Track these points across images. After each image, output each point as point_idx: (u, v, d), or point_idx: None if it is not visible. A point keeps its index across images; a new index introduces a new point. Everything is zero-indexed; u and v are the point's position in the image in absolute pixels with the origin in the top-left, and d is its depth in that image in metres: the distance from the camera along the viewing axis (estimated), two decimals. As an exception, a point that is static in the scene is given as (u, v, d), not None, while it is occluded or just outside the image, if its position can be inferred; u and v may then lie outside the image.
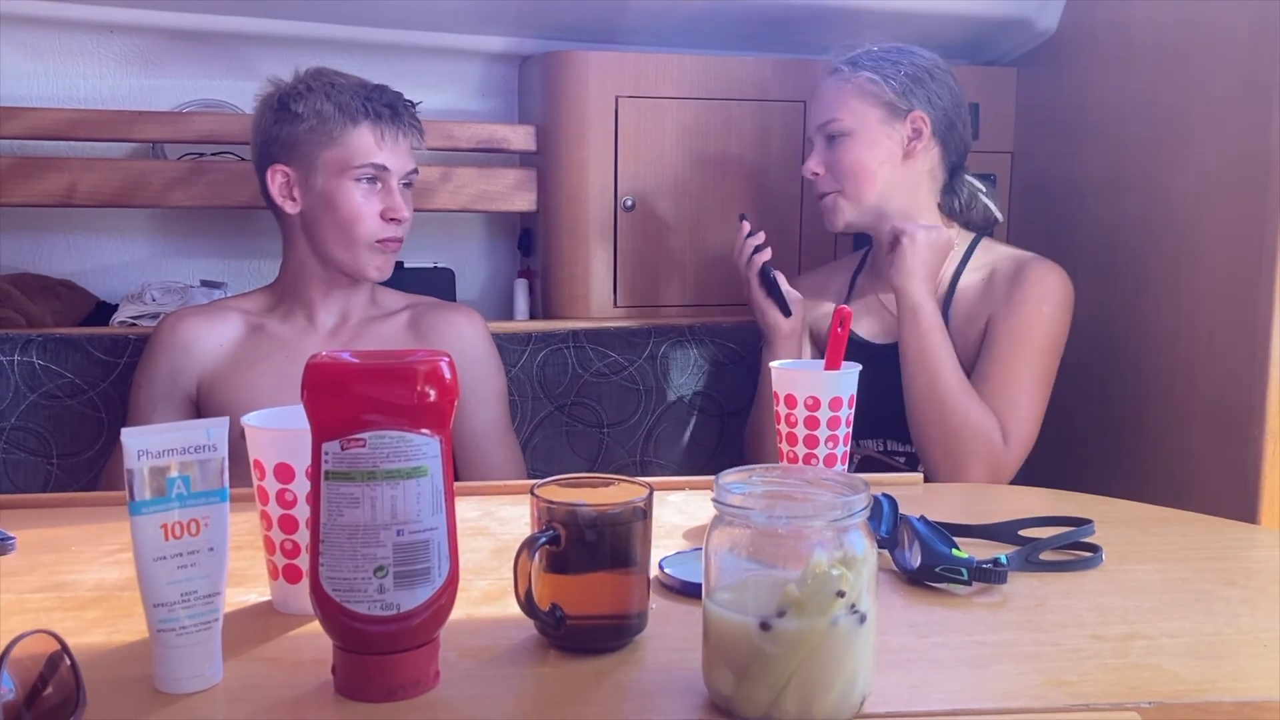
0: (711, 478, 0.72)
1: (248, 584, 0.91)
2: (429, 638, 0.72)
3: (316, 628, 0.72)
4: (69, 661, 0.66)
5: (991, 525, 1.05)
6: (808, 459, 1.17)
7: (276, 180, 1.50)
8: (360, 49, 1.93)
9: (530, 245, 2.05)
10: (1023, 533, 1.03)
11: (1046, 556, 0.97)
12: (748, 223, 1.62)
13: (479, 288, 2.15)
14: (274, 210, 1.53)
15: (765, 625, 0.66)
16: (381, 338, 1.56)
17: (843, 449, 1.19)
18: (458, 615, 0.74)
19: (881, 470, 1.56)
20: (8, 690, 0.62)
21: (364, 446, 0.68)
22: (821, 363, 1.21)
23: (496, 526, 1.09)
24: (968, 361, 1.52)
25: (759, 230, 1.62)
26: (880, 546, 0.95)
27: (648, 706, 0.71)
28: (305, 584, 0.73)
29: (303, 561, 0.83)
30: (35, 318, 1.77)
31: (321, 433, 0.69)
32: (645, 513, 0.78)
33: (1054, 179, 1.92)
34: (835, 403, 1.15)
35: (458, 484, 0.88)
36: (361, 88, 1.50)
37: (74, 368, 1.64)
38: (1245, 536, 1.15)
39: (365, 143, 1.48)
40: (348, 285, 1.55)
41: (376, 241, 1.50)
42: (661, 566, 0.92)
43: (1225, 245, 1.51)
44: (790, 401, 1.17)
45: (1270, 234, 1.42)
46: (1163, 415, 1.64)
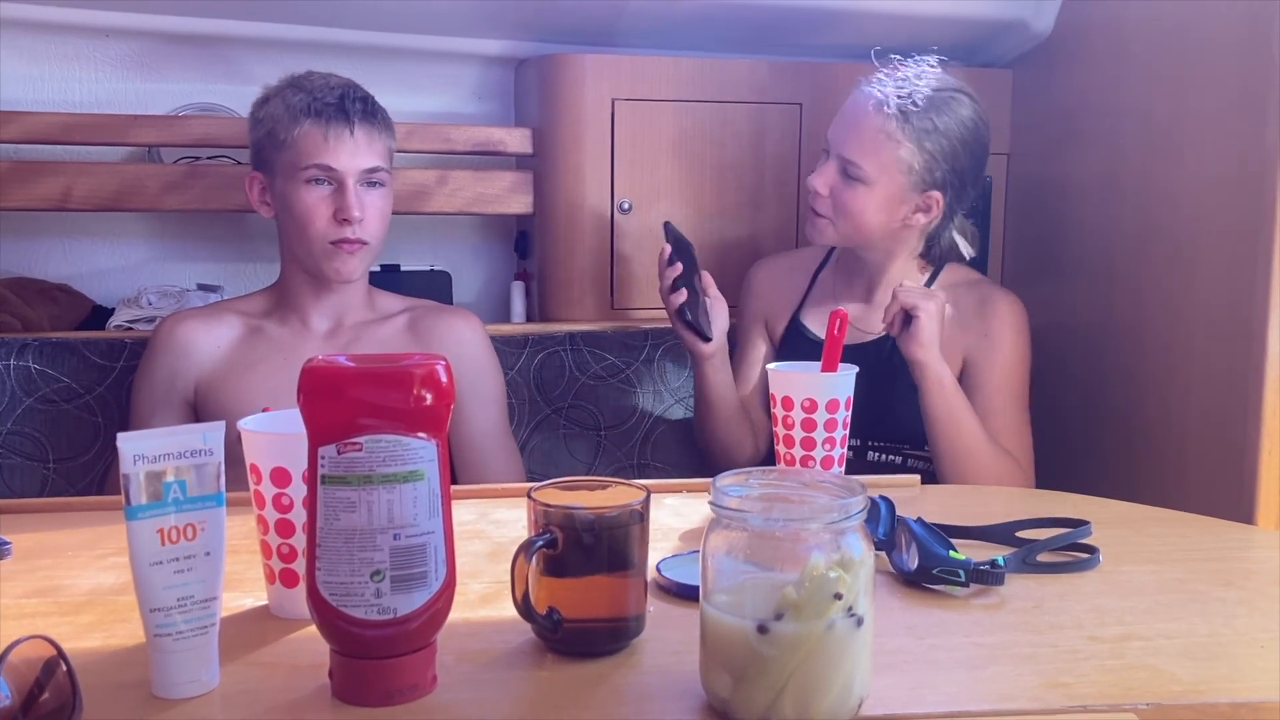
0: (708, 480, 0.72)
1: (244, 588, 0.91)
2: (426, 642, 0.72)
3: (313, 632, 0.72)
4: (65, 667, 0.66)
5: (988, 527, 1.05)
6: (805, 460, 1.17)
7: (254, 188, 1.52)
8: (356, 53, 1.93)
9: (527, 248, 2.05)
10: (1020, 534, 1.03)
11: (1044, 558, 0.97)
12: (667, 245, 1.55)
13: (476, 290, 2.14)
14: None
15: (763, 628, 0.66)
16: (379, 341, 1.55)
17: (839, 451, 1.19)
18: (455, 619, 0.74)
19: (869, 472, 1.56)
20: (4, 696, 0.62)
21: (360, 450, 0.68)
22: (816, 364, 1.21)
23: (493, 530, 1.09)
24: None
25: (682, 242, 1.57)
26: (878, 549, 0.95)
27: (645, 710, 0.71)
28: (302, 588, 0.73)
29: (299, 566, 0.83)
30: (32, 322, 1.77)
31: (318, 437, 0.69)
32: (642, 515, 0.78)
33: (1049, 181, 1.92)
34: (832, 405, 1.15)
35: (454, 487, 0.88)
36: (324, 89, 1.47)
37: (70, 372, 1.64)
38: (1242, 537, 1.15)
39: (311, 142, 1.44)
40: (337, 288, 1.53)
41: (330, 243, 1.47)
42: (659, 569, 0.92)
43: (1220, 247, 1.52)
44: (787, 404, 1.17)
45: (1265, 235, 1.43)
46: (1159, 417, 1.64)
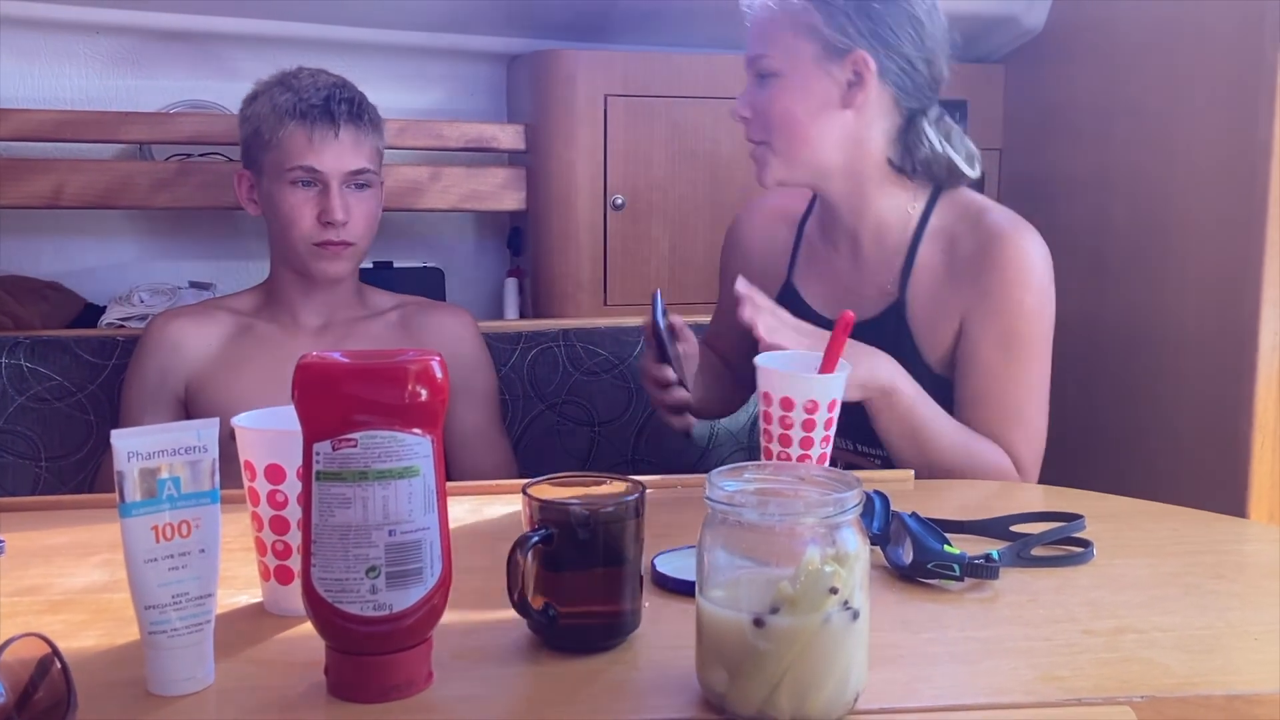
0: (703, 475, 0.72)
1: (239, 585, 0.90)
2: (422, 638, 0.72)
3: (309, 629, 0.72)
4: (60, 665, 0.66)
5: (983, 521, 1.05)
6: (801, 459, 1.16)
7: (243, 185, 1.52)
8: (349, 49, 1.92)
9: (520, 244, 2.05)
10: (1014, 528, 1.04)
11: (1038, 552, 0.97)
12: (646, 324, 1.32)
13: (469, 287, 2.14)
14: None
15: (759, 622, 0.66)
16: (371, 337, 1.55)
17: (829, 449, 1.18)
18: (450, 615, 0.74)
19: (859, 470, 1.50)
20: (-2, 694, 0.62)
21: (355, 447, 0.68)
22: (809, 357, 1.19)
23: (489, 526, 1.09)
24: (944, 363, 1.34)
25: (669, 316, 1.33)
26: (873, 543, 0.95)
27: (641, 705, 0.71)
28: (297, 585, 0.72)
29: (294, 562, 0.83)
30: (23, 320, 1.76)
31: (313, 433, 0.69)
32: (638, 511, 0.78)
33: (1041, 176, 1.92)
34: (831, 405, 1.14)
35: (449, 483, 0.88)
36: (311, 88, 1.45)
37: (62, 370, 1.63)
38: (1235, 531, 1.15)
39: (296, 144, 1.43)
40: (326, 286, 1.52)
41: (314, 245, 1.46)
42: (654, 565, 0.92)
43: (1212, 241, 1.52)
44: (787, 404, 1.14)
45: (1257, 230, 1.43)
46: (1152, 411, 1.64)
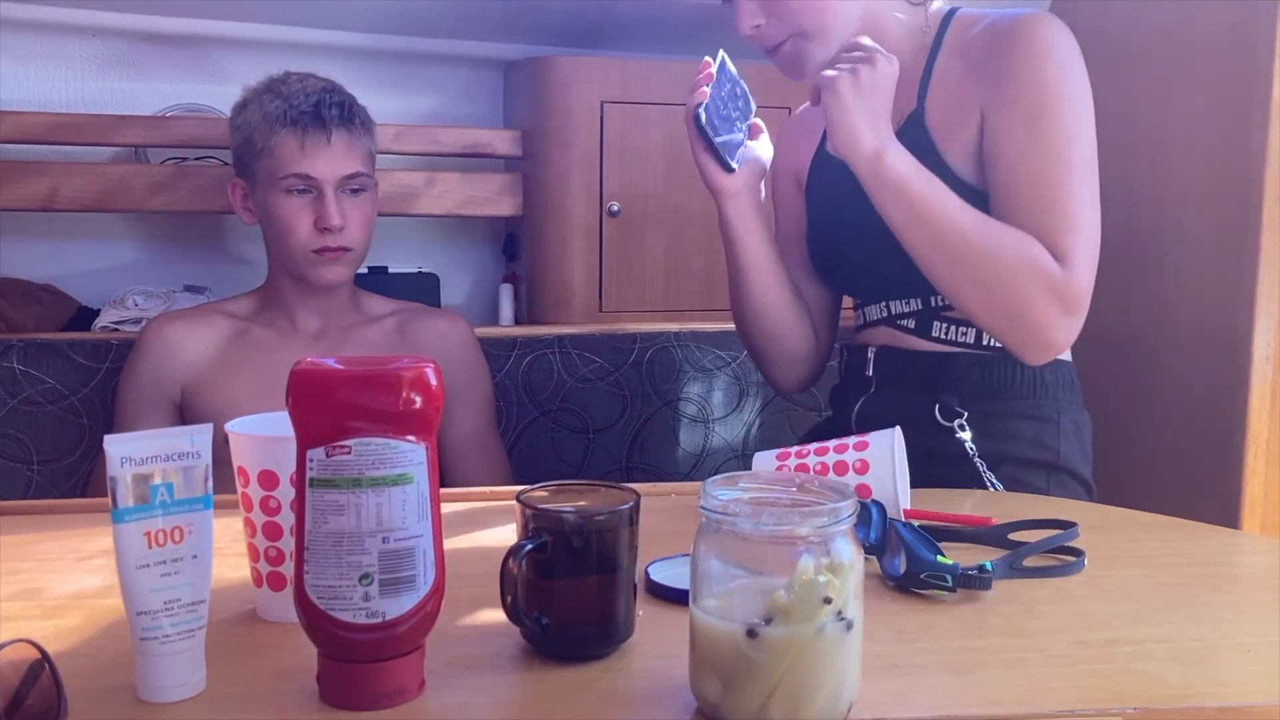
0: (698, 484, 0.72)
1: (232, 592, 0.90)
2: (415, 645, 0.71)
3: (301, 636, 0.72)
4: (50, 671, 0.65)
5: (979, 530, 1.05)
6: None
7: (236, 194, 1.53)
8: (344, 54, 1.92)
9: (515, 250, 2.05)
10: (1012, 536, 1.04)
11: (1031, 562, 0.97)
12: (709, 59, 1.27)
13: (464, 293, 2.14)
14: None
15: (752, 632, 0.65)
16: (367, 343, 1.55)
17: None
18: (443, 623, 0.74)
19: (896, 358, 1.32)
20: (-12, 700, 0.62)
21: (349, 453, 0.68)
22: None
23: (482, 533, 1.09)
24: (969, 175, 1.24)
25: (733, 78, 1.30)
26: (869, 553, 0.95)
27: (634, 714, 0.71)
28: (290, 592, 0.72)
29: (287, 569, 0.83)
30: (16, 323, 1.76)
31: (306, 439, 0.69)
32: (632, 519, 0.78)
33: (1037, 185, 1.93)
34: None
35: (443, 490, 0.88)
36: (300, 94, 1.44)
37: (55, 373, 1.63)
38: (1228, 541, 1.16)
39: (288, 151, 1.43)
40: (323, 291, 1.53)
41: (313, 252, 1.46)
42: (648, 573, 0.92)
43: (1207, 250, 1.52)
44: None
45: (1252, 239, 1.44)
46: (1145, 421, 1.65)
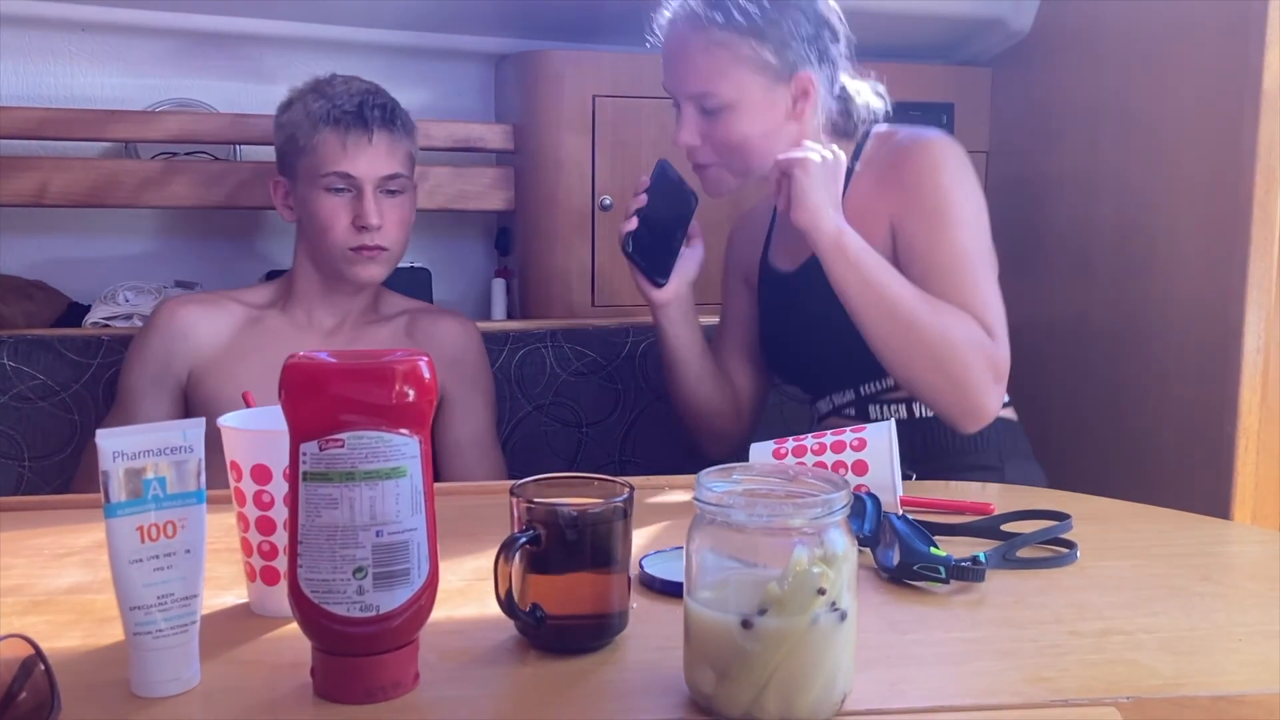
0: (691, 476, 0.72)
1: (225, 586, 0.90)
2: (409, 639, 0.71)
3: (295, 630, 0.72)
4: (43, 666, 0.65)
5: (974, 522, 1.06)
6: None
7: (278, 192, 1.54)
8: (336, 48, 1.92)
9: (508, 244, 2.05)
10: (1005, 527, 1.04)
11: (1024, 554, 0.97)
12: (645, 179, 1.43)
13: (456, 287, 2.14)
14: None
15: (746, 623, 0.66)
16: (377, 341, 1.56)
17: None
18: (437, 616, 0.74)
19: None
20: (-19, 695, 0.62)
21: (342, 447, 0.68)
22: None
23: (476, 527, 1.08)
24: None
25: (673, 185, 1.44)
26: (863, 545, 0.95)
27: (629, 706, 0.71)
28: (283, 586, 0.72)
29: (281, 563, 0.83)
30: (6, 319, 1.75)
31: (299, 433, 0.69)
32: (625, 512, 0.78)
33: (1029, 178, 1.93)
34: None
35: (437, 485, 0.88)
36: (344, 95, 1.46)
37: (45, 369, 1.62)
38: (1219, 532, 1.16)
39: (330, 150, 1.44)
40: (349, 290, 1.54)
41: (350, 250, 1.47)
42: (642, 566, 0.92)
43: (1198, 244, 1.53)
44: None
45: (1242, 232, 1.44)
46: (1137, 413, 1.65)
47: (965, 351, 1.26)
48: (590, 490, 0.81)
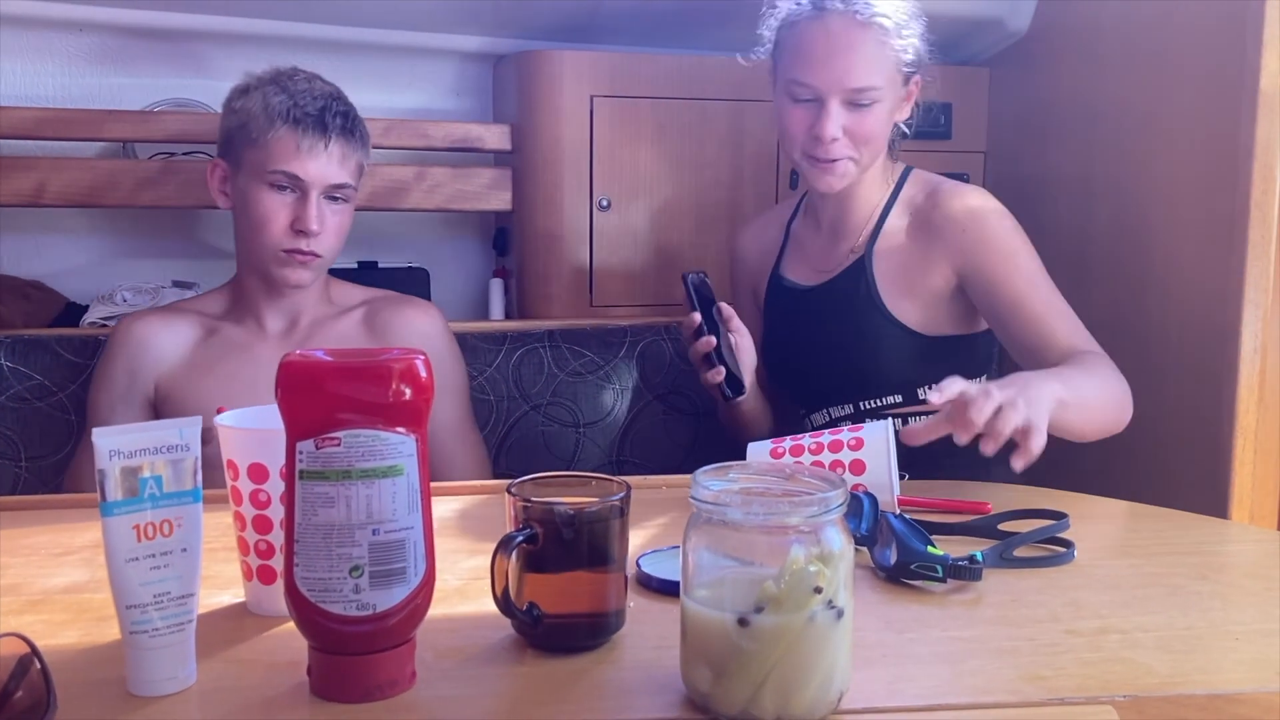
0: (688, 476, 0.72)
1: (222, 585, 0.90)
2: (405, 638, 0.71)
3: (291, 629, 0.72)
4: (39, 665, 0.65)
5: (971, 521, 1.06)
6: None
7: (216, 174, 1.51)
8: (334, 48, 1.92)
9: (505, 245, 2.05)
10: (1002, 527, 1.04)
11: (1021, 553, 0.97)
12: (696, 314, 1.41)
13: (454, 288, 2.14)
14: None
15: (743, 621, 0.66)
16: (336, 336, 1.52)
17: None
18: (434, 615, 0.74)
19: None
20: (-23, 694, 0.61)
21: (339, 445, 0.68)
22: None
23: (473, 525, 1.09)
24: (908, 318, 1.46)
25: (701, 290, 1.45)
26: (860, 544, 0.96)
27: (626, 704, 0.71)
28: (280, 585, 0.72)
29: (277, 562, 0.83)
30: (4, 319, 1.75)
31: (296, 432, 0.69)
32: (622, 511, 0.78)
33: (1026, 178, 1.93)
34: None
35: (433, 483, 0.88)
36: (307, 96, 1.44)
37: (43, 369, 1.62)
38: (1216, 531, 1.16)
39: (283, 148, 1.42)
40: (290, 291, 1.50)
41: (283, 251, 1.44)
42: (639, 564, 0.92)
43: (1195, 244, 1.53)
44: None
45: (1239, 233, 1.44)
46: (1134, 413, 1.65)
47: (1119, 387, 1.33)
48: (587, 489, 0.81)
